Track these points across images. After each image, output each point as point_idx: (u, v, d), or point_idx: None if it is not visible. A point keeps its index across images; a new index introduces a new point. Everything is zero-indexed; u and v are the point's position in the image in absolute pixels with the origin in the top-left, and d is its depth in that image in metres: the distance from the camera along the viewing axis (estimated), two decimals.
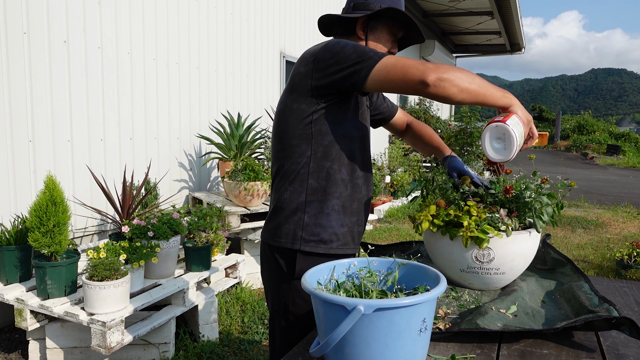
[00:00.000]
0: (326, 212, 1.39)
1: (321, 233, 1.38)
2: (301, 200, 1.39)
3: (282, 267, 1.42)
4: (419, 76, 1.19)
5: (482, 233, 1.30)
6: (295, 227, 1.39)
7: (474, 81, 1.20)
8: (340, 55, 1.28)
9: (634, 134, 23.16)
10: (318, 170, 1.38)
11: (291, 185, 1.40)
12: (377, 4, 1.44)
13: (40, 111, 3.02)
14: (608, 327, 1.11)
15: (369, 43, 1.47)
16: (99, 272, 2.15)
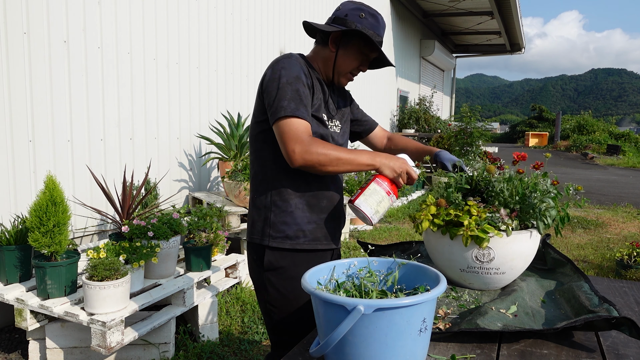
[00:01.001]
0: (290, 210, 1.50)
1: (286, 230, 1.50)
2: (267, 200, 1.52)
3: (257, 261, 1.55)
4: (288, 157, 1.37)
5: (483, 232, 1.30)
6: (263, 224, 1.52)
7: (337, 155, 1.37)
8: (270, 87, 1.43)
9: (633, 134, 23.15)
10: (280, 172, 1.50)
11: (260, 187, 1.54)
12: (354, 22, 1.49)
13: (40, 111, 3.02)
14: (608, 327, 1.11)
15: (339, 57, 1.54)
16: (99, 272, 2.15)
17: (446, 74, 16.42)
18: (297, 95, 1.40)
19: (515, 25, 12.87)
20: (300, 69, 1.45)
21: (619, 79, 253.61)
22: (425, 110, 11.33)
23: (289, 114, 1.37)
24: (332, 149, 1.38)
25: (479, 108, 9.34)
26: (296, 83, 1.41)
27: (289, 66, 1.43)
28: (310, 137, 1.38)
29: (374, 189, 1.43)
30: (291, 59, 1.46)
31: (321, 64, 1.57)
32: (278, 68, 1.43)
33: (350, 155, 1.40)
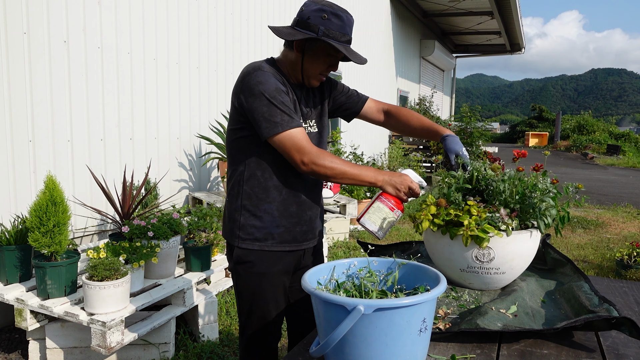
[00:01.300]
0: (259, 215, 1.56)
1: (255, 233, 1.56)
2: (238, 204, 1.58)
3: (229, 254, 1.65)
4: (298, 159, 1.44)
5: (483, 232, 1.30)
6: (233, 226, 1.59)
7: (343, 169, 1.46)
8: (255, 104, 1.45)
9: (634, 134, 23.14)
10: (251, 178, 1.55)
11: (232, 190, 1.60)
12: (317, 25, 1.47)
13: (40, 111, 3.02)
14: (608, 327, 1.11)
15: (305, 62, 1.53)
16: (99, 272, 2.15)
17: (446, 74, 16.42)
18: (285, 106, 1.44)
19: (515, 25, 12.87)
20: (275, 79, 1.48)
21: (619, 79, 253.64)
22: (425, 110, 11.33)
23: (286, 129, 1.43)
24: (339, 163, 1.46)
25: (479, 108, 9.34)
26: (279, 95, 1.45)
27: (265, 80, 1.45)
28: (317, 149, 1.45)
29: (377, 206, 1.48)
30: (263, 72, 1.47)
31: (289, 67, 1.57)
32: (255, 83, 1.45)
33: (355, 171, 1.47)
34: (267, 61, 1.56)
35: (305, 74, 1.55)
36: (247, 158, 1.55)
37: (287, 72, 1.57)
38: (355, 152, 6.84)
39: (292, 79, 1.58)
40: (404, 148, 8.71)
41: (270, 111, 1.43)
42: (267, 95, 1.43)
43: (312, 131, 1.63)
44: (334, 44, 1.46)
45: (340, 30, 1.49)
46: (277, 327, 1.67)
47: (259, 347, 1.66)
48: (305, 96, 1.64)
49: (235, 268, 1.61)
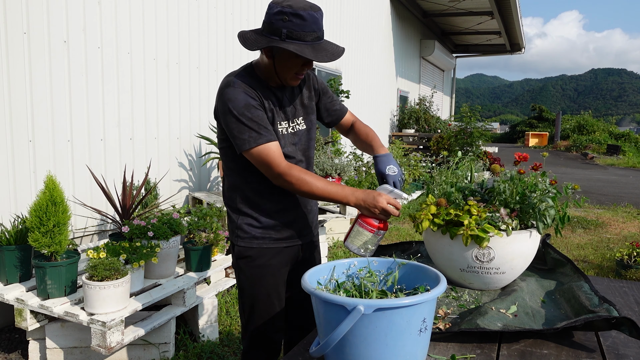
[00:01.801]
0: (255, 215, 1.63)
1: (252, 231, 1.63)
2: (235, 206, 1.66)
3: (232, 251, 1.72)
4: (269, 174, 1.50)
5: (483, 232, 1.30)
6: (233, 226, 1.67)
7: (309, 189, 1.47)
8: (226, 121, 1.51)
9: (634, 134, 23.13)
10: (244, 183, 1.62)
11: (227, 192, 1.69)
12: (280, 28, 1.44)
13: (40, 111, 3.02)
14: (608, 327, 1.11)
15: (277, 66, 1.52)
16: (99, 272, 2.15)
17: (446, 74, 16.43)
18: (253, 122, 1.48)
19: (515, 25, 12.87)
20: (245, 95, 1.50)
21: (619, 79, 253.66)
22: (425, 110, 11.33)
23: (252, 146, 1.48)
24: (310, 179, 1.48)
25: (479, 108, 9.34)
26: (247, 111, 1.48)
27: (233, 97, 1.49)
28: (286, 165, 1.49)
29: (357, 230, 1.47)
30: (234, 88, 1.51)
31: (265, 71, 1.57)
32: (225, 101, 1.50)
33: (326, 188, 1.48)
34: (244, 70, 1.58)
35: (281, 77, 1.55)
36: (238, 165, 1.60)
37: (265, 77, 1.58)
38: (355, 152, 6.84)
39: (271, 82, 1.59)
40: (404, 148, 8.71)
41: (238, 128, 1.48)
42: (236, 113, 1.48)
43: (300, 129, 1.66)
44: (292, 48, 1.43)
45: (304, 30, 1.44)
46: (279, 319, 1.70)
47: (263, 340, 1.70)
48: (290, 95, 1.65)
49: (237, 263, 1.68)
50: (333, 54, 1.50)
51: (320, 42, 1.50)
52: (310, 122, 1.72)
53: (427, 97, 12.06)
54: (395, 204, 1.45)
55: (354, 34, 8.15)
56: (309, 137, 1.71)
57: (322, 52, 1.49)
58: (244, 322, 1.74)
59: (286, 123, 1.63)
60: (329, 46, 1.51)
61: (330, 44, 1.53)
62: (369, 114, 8.85)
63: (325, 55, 1.48)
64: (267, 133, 1.49)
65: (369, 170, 6.62)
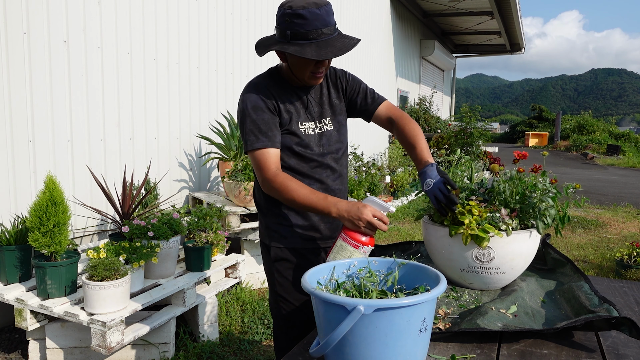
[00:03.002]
0: (283, 214, 1.63)
1: (282, 231, 1.63)
2: (263, 205, 1.68)
3: (266, 254, 1.72)
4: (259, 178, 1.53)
5: (483, 232, 1.30)
6: (263, 227, 1.70)
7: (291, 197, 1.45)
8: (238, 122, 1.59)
9: (634, 134, 23.13)
10: None
11: (257, 194, 1.71)
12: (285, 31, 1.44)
13: (40, 111, 3.02)
14: (608, 327, 1.11)
15: (291, 66, 1.53)
16: (99, 272, 2.15)
17: (446, 74, 16.42)
18: (255, 125, 1.51)
19: (515, 25, 12.87)
20: (257, 97, 1.53)
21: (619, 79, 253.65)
22: (425, 110, 11.33)
23: (249, 149, 1.52)
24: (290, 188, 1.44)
25: (479, 108, 9.34)
26: (255, 113, 1.51)
27: (247, 98, 1.54)
28: (274, 172, 1.48)
29: (340, 245, 1.36)
30: (249, 88, 1.56)
31: (286, 72, 1.60)
32: (240, 101, 1.57)
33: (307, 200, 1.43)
34: (268, 71, 1.62)
35: (299, 78, 1.56)
36: None
37: (288, 78, 1.60)
38: (355, 152, 6.84)
39: (294, 83, 1.60)
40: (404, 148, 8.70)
41: (243, 130, 1.54)
42: (245, 113, 1.53)
43: (327, 129, 1.64)
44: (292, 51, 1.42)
45: (306, 28, 1.42)
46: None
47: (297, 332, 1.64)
48: (317, 95, 1.64)
49: (274, 266, 1.67)
50: (340, 49, 1.44)
51: (330, 37, 1.45)
52: (338, 123, 1.68)
53: (427, 97, 12.06)
54: (382, 218, 1.34)
55: (354, 34, 8.15)
56: (339, 138, 1.68)
57: (327, 48, 1.43)
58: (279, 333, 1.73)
59: (312, 123, 1.61)
60: (338, 41, 1.46)
61: (341, 38, 1.48)
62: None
63: (330, 51, 1.43)
64: (265, 138, 1.51)
65: (368, 170, 6.62)
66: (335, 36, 1.47)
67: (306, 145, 1.59)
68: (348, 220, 1.36)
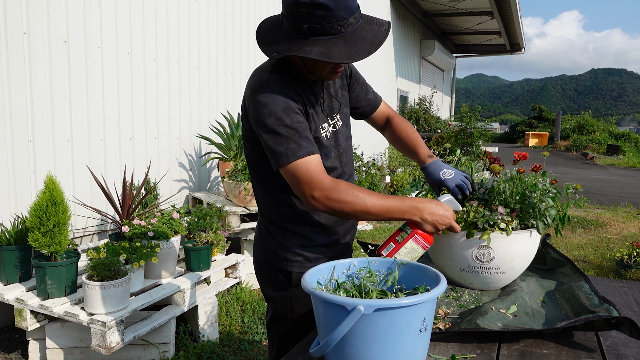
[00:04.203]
0: (306, 234, 1.40)
1: (305, 252, 1.40)
2: (280, 227, 1.41)
3: (279, 277, 1.44)
4: (307, 193, 1.20)
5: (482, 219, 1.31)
6: (280, 250, 1.41)
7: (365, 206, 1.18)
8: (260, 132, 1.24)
9: (634, 134, 23.13)
10: (292, 201, 1.38)
11: (269, 212, 1.42)
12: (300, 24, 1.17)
13: (40, 111, 3.02)
14: (608, 327, 1.11)
15: (307, 65, 1.27)
16: (99, 272, 2.15)
17: (446, 74, 16.42)
18: (292, 130, 1.20)
19: (515, 25, 12.87)
20: (285, 96, 1.23)
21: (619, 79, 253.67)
22: (425, 110, 11.33)
23: (292, 160, 1.19)
24: (360, 195, 1.18)
25: (479, 108, 9.34)
26: (286, 117, 1.21)
27: (271, 101, 1.22)
28: (331, 181, 1.20)
29: (411, 247, 1.25)
30: (270, 88, 1.23)
31: (298, 66, 1.32)
32: (260, 107, 1.22)
33: (382, 204, 1.19)
34: (279, 63, 1.31)
35: (315, 75, 1.30)
36: (283, 182, 1.34)
37: (299, 71, 1.33)
38: (355, 152, 6.84)
39: (308, 77, 1.34)
40: None
41: (274, 140, 1.20)
42: (272, 120, 1.20)
43: (339, 125, 1.43)
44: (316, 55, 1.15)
45: (329, 21, 1.15)
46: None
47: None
48: (328, 87, 1.41)
49: (291, 292, 1.42)
50: (372, 42, 1.18)
51: (356, 27, 1.19)
52: (345, 117, 1.46)
53: (427, 97, 12.06)
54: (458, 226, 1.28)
55: None
56: (347, 135, 1.47)
57: (358, 44, 1.17)
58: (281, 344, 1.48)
59: (327, 123, 1.38)
60: (366, 31, 1.19)
61: (368, 24, 1.21)
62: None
63: (361, 48, 1.17)
64: (308, 144, 1.21)
65: (368, 171, 6.62)
66: (362, 24, 1.20)
67: (327, 154, 1.37)
68: (430, 224, 1.23)
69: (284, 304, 1.45)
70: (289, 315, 1.44)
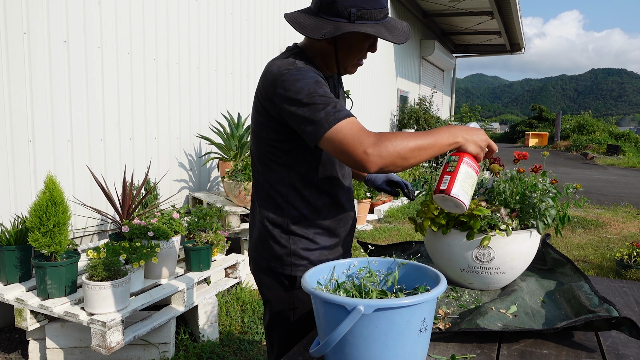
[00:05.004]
0: (310, 237, 1.39)
1: (309, 256, 1.39)
2: (284, 228, 1.38)
3: (282, 280, 1.42)
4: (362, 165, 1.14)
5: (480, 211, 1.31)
6: (283, 253, 1.39)
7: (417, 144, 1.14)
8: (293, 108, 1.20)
9: (634, 134, 23.13)
10: (299, 199, 1.37)
11: (273, 213, 1.39)
12: (345, 8, 1.22)
13: (40, 111, 3.02)
14: (608, 327, 1.11)
15: (339, 52, 1.32)
16: (99, 272, 2.15)
17: (446, 74, 16.42)
18: (329, 98, 1.19)
19: (515, 25, 12.87)
20: (313, 72, 1.24)
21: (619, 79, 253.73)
22: (425, 110, 11.33)
23: (333, 123, 1.15)
24: (405, 138, 1.14)
25: (479, 108, 9.34)
26: (319, 89, 1.19)
27: (302, 76, 1.21)
28: (375, 133, 1.15)
29: (465, 171, 1.19)
30: (297, 68, 1.24)
31: (320, 59, 1.36)
32: (290, 83, 1.21)
33: (430, 140, 1.16)
34: (296, 54, 1.33)
35: (341, 64, 1.34)
36: (292, 177, 1.34)
37: (318, 64, 1.35)
38: None
39: (325, 71, 1.37)
40: None
41: (311, 111, 1.17)
42: (306, 93, 1.18)
43: None
44: (371, 31, 1.22)
45: (375, 7, 1.23)
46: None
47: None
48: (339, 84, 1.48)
49: (295, 294, 1.41)
50: (405, 32, 1.29)
51: (388, 19, 1.30)
52: None
53: (427, 97, 12.06)
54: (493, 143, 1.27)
55: None
56: None
57: (396, 31, 1.27)
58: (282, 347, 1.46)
59: None
60: (396, 23, 1.30)
61: (394, 19, 1.32)
62: (368, 114, 8.86)
63: (400, 34, 1.27)
64: (345, 109, 1.19)
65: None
66: (390, 18, 1.31)
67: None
68: (473, 143, 1.20)
69: (286, 305, 1.43)
70: (290, 316, 1.43)
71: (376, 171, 1.15)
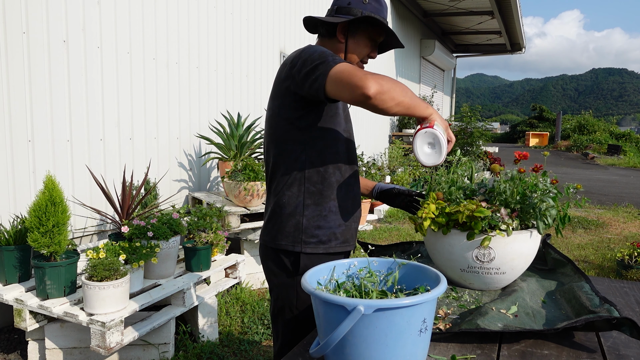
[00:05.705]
0: (324, 214, 1.46)
1: (320, 235, 1.46)
2: (299, 203, 1.46)
3: (286, 265, 1.48)
4: (361, 88, 1.21)
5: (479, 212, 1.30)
6: (294, 230, 1.46)
7: (406, 94, 1.26)
8: (307, 63, 1.33)
9: (634, 134, 23.13)
10: (314, 174, 1.46)
11: (289, 190, 1.47)
12: (358, 9, 1.49)
13: (39, 111, 3.02)
14: (609, 328, 1.11)
15: (349, 47, 1.52)
16: (98, 272, 2.15)
17: (446, 73, 16.41)
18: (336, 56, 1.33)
19: (515, 25, 12.86)
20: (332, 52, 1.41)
21: (619, 78, 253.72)
22: None
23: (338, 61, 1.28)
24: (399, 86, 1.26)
25: (479, 108, 9.34)
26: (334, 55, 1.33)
27: (317, 49, 1.36)
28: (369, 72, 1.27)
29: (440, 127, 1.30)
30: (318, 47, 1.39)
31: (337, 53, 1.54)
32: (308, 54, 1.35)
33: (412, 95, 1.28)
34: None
35: (349, 61, 1.51)
36: (308, 152, 1.44)
37: None
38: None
39: None
40: (404, 148, 8.71)
41: (322, 58, 1.30)
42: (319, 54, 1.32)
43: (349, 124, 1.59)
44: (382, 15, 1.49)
45: (380, 14, 1.51)
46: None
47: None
48: None
49: (298, 279, 1.44)
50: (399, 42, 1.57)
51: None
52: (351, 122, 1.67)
53: (428, 97, 12.05)
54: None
55: None
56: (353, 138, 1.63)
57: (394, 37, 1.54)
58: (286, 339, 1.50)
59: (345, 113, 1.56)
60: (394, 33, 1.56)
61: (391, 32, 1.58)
62: (368, 114, 8.85)
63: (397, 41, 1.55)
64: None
65: (369, 170, 6.61)
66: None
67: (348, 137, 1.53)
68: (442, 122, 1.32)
69: (289, 292, 1.49)
70: (294, 303, 1.48)
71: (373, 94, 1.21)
